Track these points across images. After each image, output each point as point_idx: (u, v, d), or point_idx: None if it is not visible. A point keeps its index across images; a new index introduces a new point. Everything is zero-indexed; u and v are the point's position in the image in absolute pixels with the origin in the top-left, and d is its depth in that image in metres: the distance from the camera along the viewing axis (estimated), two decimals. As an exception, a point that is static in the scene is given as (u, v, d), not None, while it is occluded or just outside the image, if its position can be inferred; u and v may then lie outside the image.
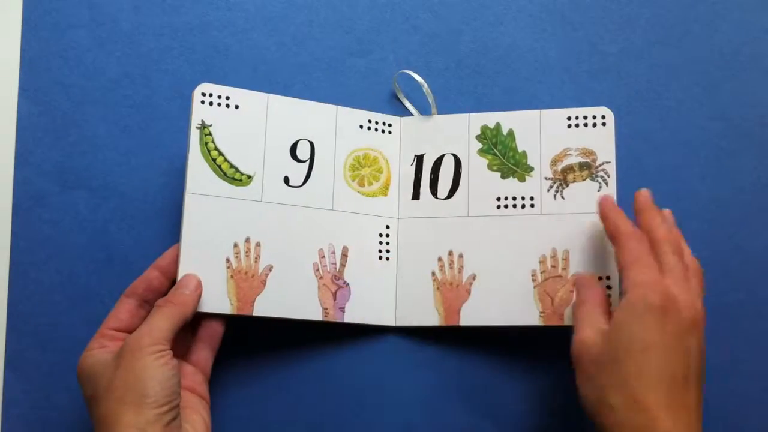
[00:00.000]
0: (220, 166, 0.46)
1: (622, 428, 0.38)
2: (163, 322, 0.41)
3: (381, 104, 0.52)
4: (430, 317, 0.49)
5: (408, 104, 0.53)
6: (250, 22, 0.53)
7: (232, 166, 0.47)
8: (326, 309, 0.47)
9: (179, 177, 0.51)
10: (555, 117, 0.49)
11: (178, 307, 0.42)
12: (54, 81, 0.52)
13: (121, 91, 0.52)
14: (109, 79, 0.52)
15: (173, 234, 0.50)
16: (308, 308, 0.47)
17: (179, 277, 0.45)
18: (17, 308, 0.49)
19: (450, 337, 0.50)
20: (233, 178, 0.47)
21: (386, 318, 0.49)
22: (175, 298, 0.43)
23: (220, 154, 0.47)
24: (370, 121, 0.51)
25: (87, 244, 0.50)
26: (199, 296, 0.44)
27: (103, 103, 0.51)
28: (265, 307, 0.46)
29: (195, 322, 0.46)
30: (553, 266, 0.47)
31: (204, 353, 0.46)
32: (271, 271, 0.47)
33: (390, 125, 0.51)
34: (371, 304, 0.49)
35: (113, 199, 0.50)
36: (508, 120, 0.50)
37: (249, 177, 0.47)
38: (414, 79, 0.52)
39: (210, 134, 0.46)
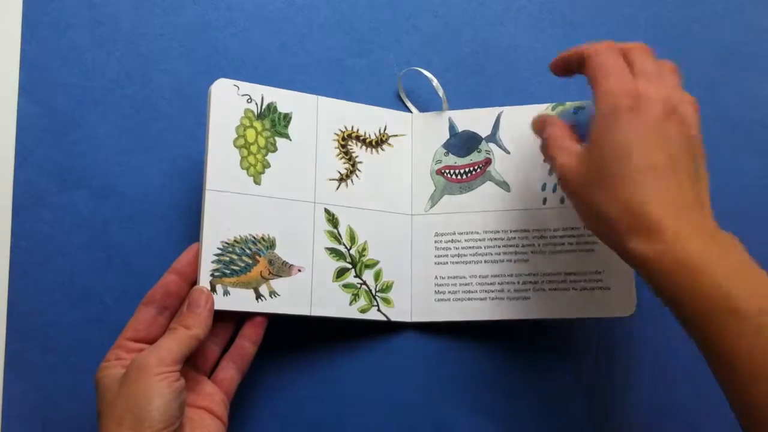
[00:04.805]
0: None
1: (627, 235, 0.37)
2: (173, 344, 0.41)
3: (381, 104, 0.53)
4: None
5: (409, 104, 0.53)
6: (250, 22, 0.54)
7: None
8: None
9: (179, 177, 0.52)
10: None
11: (190, 331, 0.42)
12: (54, 81, 0.52)
13: (121, 91, 0.53)
14: (109, 79, 0.53)
15: (173, 234, 0.51)
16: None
17: (199, 280, 0.45)
18: (17, 308, 0.50)
19: (452, 336, 0.51)
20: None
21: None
22: (186, 321, 0.43)
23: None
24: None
25: (87, 244, 0.51)
26: (211, 310, 0.44)
27: (103, 103, 0.52)
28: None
29: (227, 341, 0.47)
30: None
31: (230, 372, 0.46)
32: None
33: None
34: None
35: (113, 199, 0.51)
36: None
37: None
38: (414, 78, 0.53)
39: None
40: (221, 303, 0.45)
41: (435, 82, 0.53)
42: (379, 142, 0.52)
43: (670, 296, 0.36)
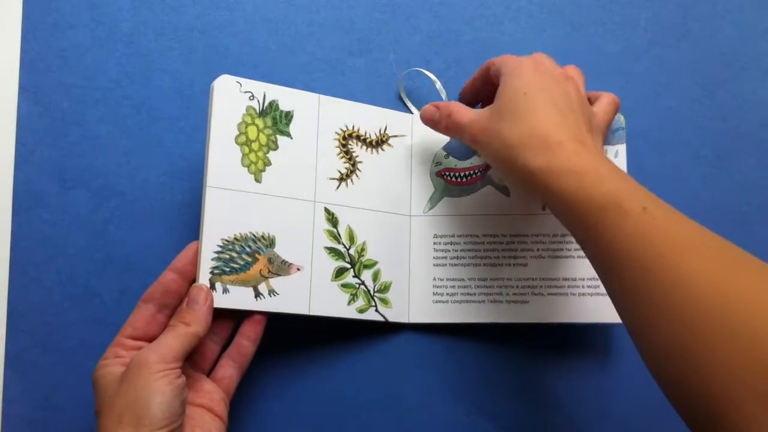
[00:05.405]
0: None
1: (527, 153, 0.41)
2: (173, 340, 0.41)
3: (381, 104, 0.53)
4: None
5: (410, 105, 0.53)
6: (250, 22, 0.54)
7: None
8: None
9: (179, 177, 0.52)
10: None
11: (190, 327, 0.42)
12: (54, 81, 0.53)
13: (121, 91, 0.53)
14: (109, 79, 0.53)
15: (173, 234, 0.51)
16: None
17: (199, 278, 0.45)
18: (17, 308, 0.50)
19: (450, 337, 0.51)
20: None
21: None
22: (186, 317, 0.43)
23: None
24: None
25: (87, 244, 0.51)
26: (211, 308, 0.44)
27: (103, 103, 0.52)
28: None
29: (227, 339, 0.47)
30: None
31: (230, 371, 0.46)
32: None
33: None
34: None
35: (113, 199, 0.51)
36: None
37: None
38: (415, 78, 0.53)
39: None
40: (220, 301, 0.45)
41: (438, 84, 0.53)
42: (380, 143, 0.52)
43: (560, 200, 0.40)
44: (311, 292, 0.48)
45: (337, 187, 0.50)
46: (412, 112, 0.54)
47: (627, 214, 0.37)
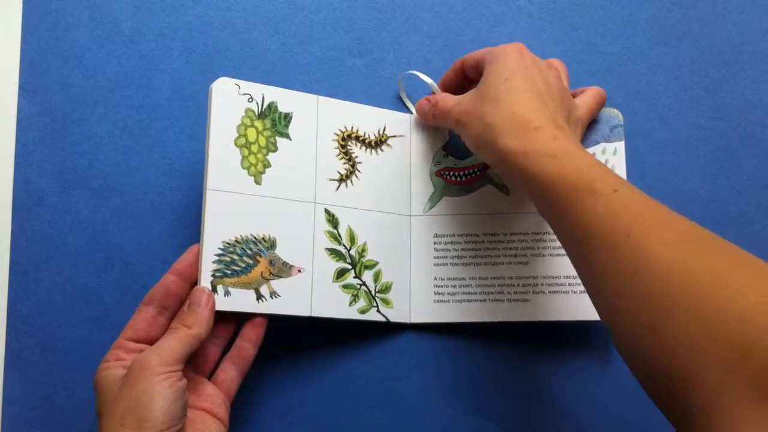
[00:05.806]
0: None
1: (505, 135, 0.42)
2: (175, 343, 0.41)
3: (381, 104, 0.53)
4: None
5: (410, 105, 0.53)
6: (250, 22, 0.54)
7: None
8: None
9: (179, 177, 0.52)
10: None
11: (191, 330, 0.42)
12: (54, 81, 0.53)
13: (121, 91, 0.53)
14: (109, 79, 0.53)
15: (173, 234, 0.51)
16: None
17: (200, 280, 0.45)
18: (17, 308, 0.50)
19: (450, 337, 0.51)
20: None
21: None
22: (187, 320, 0.43)
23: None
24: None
25: (87, 244, 0.51)
26: (212, 310, 0.44)
27: (103, 103, 0.52)
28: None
29: (228, 342, 0.47)
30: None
31: (231, 374, 0.46)
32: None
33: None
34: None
35: (113, 199, 0.51)
36: None
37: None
38: (415, 78, 0.53)
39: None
40: (222, 303, 0.45)
41: (435, 87, 0.53)
42: (379, 143, 0.52)
43: (535, 181, 0.41)
44: (312, 293, 0.48)
45: (337, 188, 0.50)
46: (411, 112, 0.54)
47: (598, 194, 0.38)
